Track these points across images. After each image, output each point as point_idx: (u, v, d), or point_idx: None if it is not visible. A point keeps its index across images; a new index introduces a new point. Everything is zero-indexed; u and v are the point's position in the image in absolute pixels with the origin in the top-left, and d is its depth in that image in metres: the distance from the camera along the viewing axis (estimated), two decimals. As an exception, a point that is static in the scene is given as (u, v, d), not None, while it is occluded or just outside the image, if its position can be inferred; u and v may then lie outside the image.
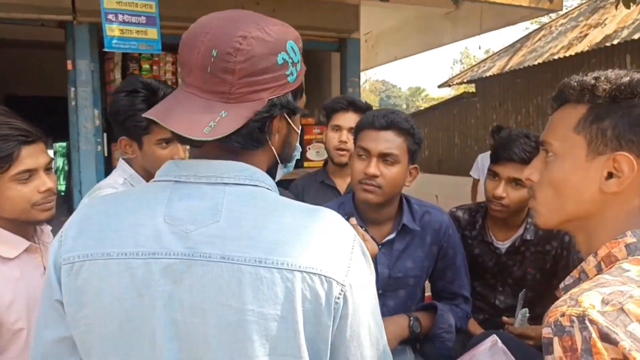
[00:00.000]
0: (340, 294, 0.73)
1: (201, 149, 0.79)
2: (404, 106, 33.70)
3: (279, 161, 0.84)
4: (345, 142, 2.12)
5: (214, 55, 0.73)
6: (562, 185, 0.83)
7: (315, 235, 0.74)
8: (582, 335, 0.63)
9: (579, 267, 0.82)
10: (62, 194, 6.64)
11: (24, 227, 1.32)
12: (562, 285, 0.85)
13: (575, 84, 0.84)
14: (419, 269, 1.56)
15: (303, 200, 2.06)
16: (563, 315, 0.66)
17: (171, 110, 0.75)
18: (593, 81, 0.82)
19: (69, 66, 3.50)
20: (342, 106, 2.18)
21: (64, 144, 7.20)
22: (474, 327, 1.78)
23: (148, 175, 1.51)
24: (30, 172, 1.27)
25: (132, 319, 0.73)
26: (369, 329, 0.77)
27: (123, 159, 1.56)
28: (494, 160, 1.72)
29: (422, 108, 16.42)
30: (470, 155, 8.96)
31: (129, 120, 1.44)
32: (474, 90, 9.82)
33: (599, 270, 0.78)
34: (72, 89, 3.41)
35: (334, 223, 0.78)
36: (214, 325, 0.71)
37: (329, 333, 0.73)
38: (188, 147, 0.87)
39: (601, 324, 0.63)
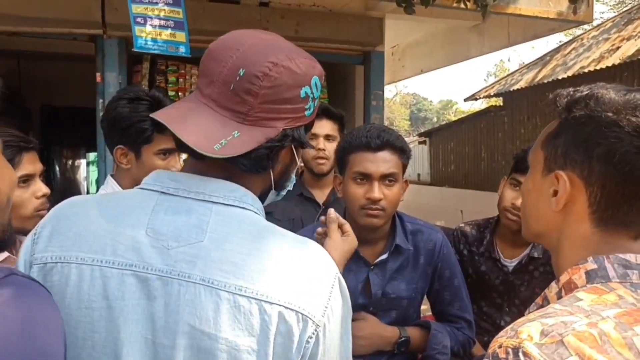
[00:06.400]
0: (313, 333, 0.71)
1: (199, 163, 0.77)
2: (435, 119, 33.37)
3: (273, 188, 0.83)
4: (324, 150, 2.04)
5: (241, 74, 0.73)
6: (525, 198, 0.85)
7: (298, 269, 0.73)
8: None
9: (542, 294, 0.79)
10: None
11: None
12: (527, 312, 0.80)
13: (551, 97, 0.80)
14: (413, 290, 1.51)
15: (281, 214, 1.98)
16: (501, 346, 0.63)
17: (184, 118, 0.73)
18: (563, 95, 0.77)
19: (98, 78, 3.64)
20: (317, 113, 2.11)
21: (96, 153, 7.43)
22: (477, 349, 1.72)
23: None
24: (29, 178, 1.30)
25: (96, 330, 0.70)
26: None
27: (112, 175, 1.52)
28: (518, 169, 1.69)
29: (450, 121, 16.29)
30: (497, 169, 8.81)
31: (132, 128, 1.38)
32: (501, 103, 9.68)
33: (559, 298, 0.74)
34: (100, 101, 3.53)
35: (317, 258, 0.76)
36: (184, 348, 0.68)
37: None
38: (185, 156, 0.85)
39: (535, 357, 0.60)
